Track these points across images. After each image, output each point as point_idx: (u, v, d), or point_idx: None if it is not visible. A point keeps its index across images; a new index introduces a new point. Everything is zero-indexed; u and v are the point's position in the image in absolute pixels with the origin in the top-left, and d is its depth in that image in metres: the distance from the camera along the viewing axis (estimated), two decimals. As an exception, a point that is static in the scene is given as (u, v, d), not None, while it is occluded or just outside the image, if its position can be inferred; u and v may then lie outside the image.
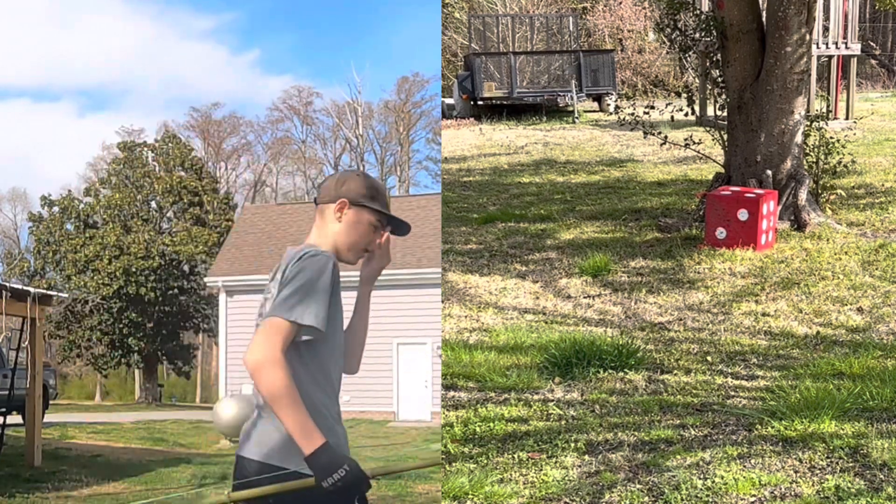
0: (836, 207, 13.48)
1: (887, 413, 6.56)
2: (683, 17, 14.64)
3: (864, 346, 8.24)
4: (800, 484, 5.55)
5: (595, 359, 7.79)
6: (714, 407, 6.91)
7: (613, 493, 5.56)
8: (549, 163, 19.38)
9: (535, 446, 6.27)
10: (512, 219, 14.17)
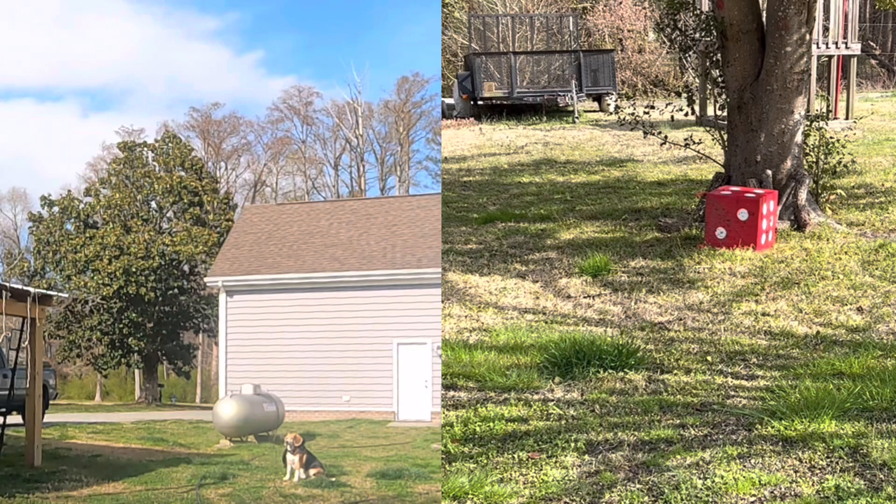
0: (836, 207, 13.48)
1: (887, 413, 6.57)
2: (683, 17, 14.64)
3: (864, 346, 8.24)
4: (800, 484, 5.55)
5: (595, 359, 7.79)
6: (714, 407, 6.91)
7: (613, 492, 5.56)
8: (549, 163, 19.38)
9: (535, 446, 6.27)
10: (512, 219, 14.17)
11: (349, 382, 23.05)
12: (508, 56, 28.79)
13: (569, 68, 29.20)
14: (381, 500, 9.71)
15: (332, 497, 9.85)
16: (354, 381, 23.03)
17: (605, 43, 34.42)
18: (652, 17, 31.93)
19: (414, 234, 24.53)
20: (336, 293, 23.69)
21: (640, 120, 13.29)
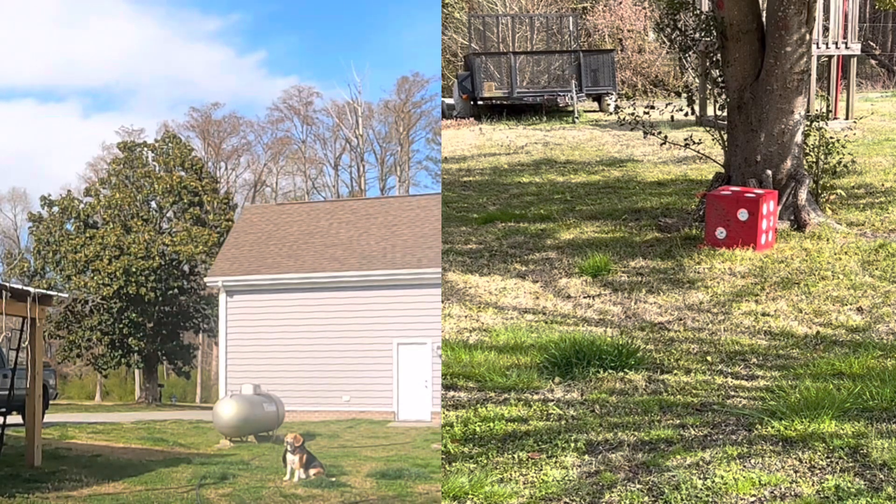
0: (836, 207, 13.48)
1: (887, 413, 6.57)
2: (683, 17, 14.65)
3: (864, 346, 8.24)
4: (800, 484, 5.55)
5: (595, 359, 7.79)
6: (714, 407, 6.91)
7: (613, 493, 5.56)
8: (549, 163, 19.38)
9: (535, 446, 6.27)
10: (512, 219, 14.17)
11: (349, 382, 23.01)
12: (508, 56, 28.79)
13: (569, 68, 29.20)
14: (381, 500, 9.70)
15: (332, 497, 9.85)
16: (354, 381, 22.99)
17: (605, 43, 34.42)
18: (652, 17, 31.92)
19: (414, 234, 24.51)
20: (336, 293, 23.67)
21: (640, 120, 13.29)
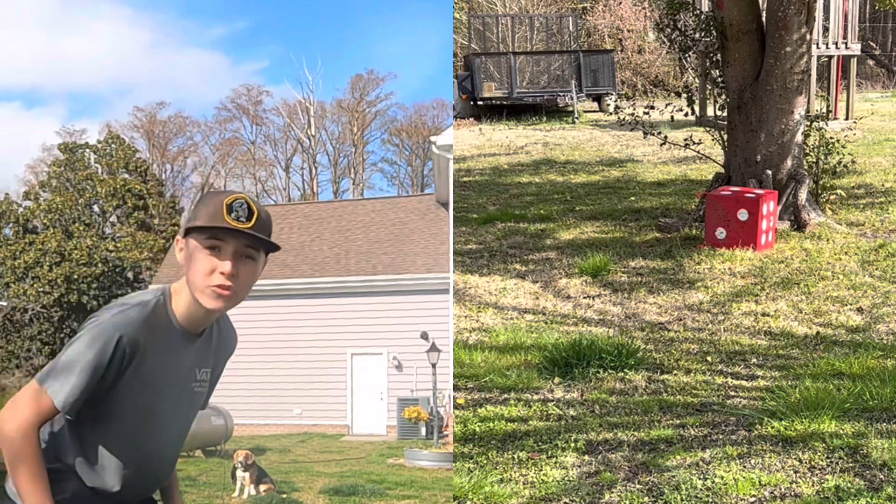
0: (836, 207, 13.48)
1: (887, 413, 6.56)
2: (683, 17, 14.65)
3: (864, 346, 8.24)
4: (800, 484, 5.55)
5: (595, 359, 7.79)
6: (714, 407, 6.91)
7: (613, 493, 5.56)
8: (549, 163, 19.38)
9: (534, 446, 6.27)
10: (512, 219, 14.17)
11: (301, 394, 22.04)
12: (508, 56, 28.79)
13: (568, 68, 29.20)
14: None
15: (282, 515, 9.63)
16: (306, 393, 22.02)
17: (605, 43, 34.42)
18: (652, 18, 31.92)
19: (368, 238, 23.89)
20: (286, 301, 22.68)
21: (639, 120, 13.29)
